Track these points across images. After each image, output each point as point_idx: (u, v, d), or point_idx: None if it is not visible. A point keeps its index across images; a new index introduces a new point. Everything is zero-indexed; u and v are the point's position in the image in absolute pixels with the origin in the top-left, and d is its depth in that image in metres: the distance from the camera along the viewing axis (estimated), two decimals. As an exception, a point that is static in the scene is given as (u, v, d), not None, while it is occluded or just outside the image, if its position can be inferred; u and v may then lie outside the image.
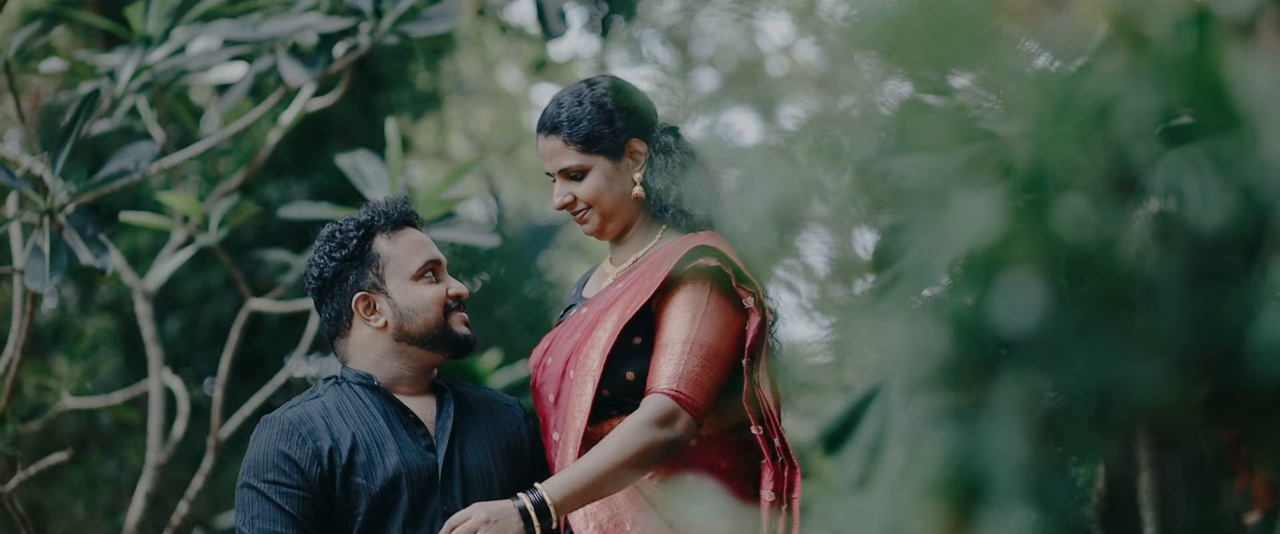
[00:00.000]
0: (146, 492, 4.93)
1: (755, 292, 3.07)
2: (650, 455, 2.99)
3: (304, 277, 3.25)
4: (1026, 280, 1.16)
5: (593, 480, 2.98)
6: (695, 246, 3.10)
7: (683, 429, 3.01)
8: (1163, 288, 1.17)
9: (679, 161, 3.21)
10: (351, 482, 3.04)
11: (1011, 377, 1.18)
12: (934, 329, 1.18)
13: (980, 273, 1.18)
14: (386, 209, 3.19)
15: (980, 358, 1.20)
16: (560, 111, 3.20)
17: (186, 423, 5.16)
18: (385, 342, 3.16)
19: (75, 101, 4.11)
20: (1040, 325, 1.16)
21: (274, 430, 3.06)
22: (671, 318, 3.08)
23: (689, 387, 3.01)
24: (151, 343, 5.00)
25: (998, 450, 1.16)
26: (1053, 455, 1.20)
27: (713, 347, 3.04)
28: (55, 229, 3.75)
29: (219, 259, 7.56)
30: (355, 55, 4.58)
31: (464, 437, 3.18)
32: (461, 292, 3.20)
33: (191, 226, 4.95)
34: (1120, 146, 1.18)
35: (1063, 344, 1.18)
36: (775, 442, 3.06)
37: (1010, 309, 1.16)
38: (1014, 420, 1.16)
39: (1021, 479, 1.15)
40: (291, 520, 3.01)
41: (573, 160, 3.19)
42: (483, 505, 3.00)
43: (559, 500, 2.97)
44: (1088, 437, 1.21)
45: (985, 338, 1.19)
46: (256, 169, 5.27)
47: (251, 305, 5.14)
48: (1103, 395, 1.19)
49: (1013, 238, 1.16)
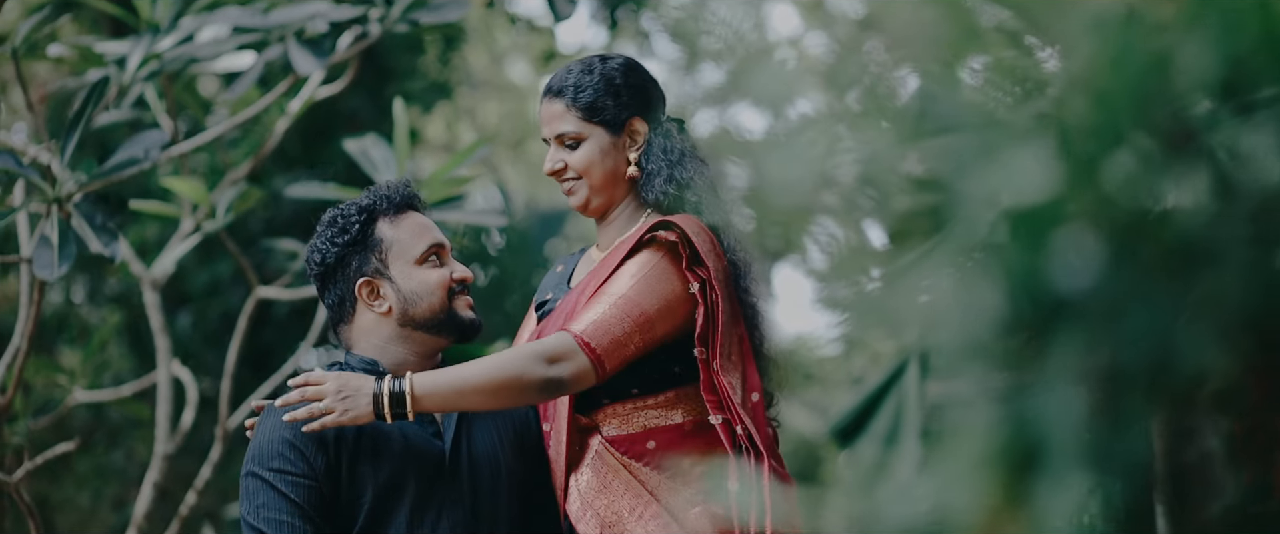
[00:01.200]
0: (155, 482, 4.91)
1: (706, 280, 3.02)
2: (522, 386, 2.92)
3: (306, 262, 3.20)
4: (1081, 238, 1.12)
5: (458, 387, 2.92)
6: (661, 221, 3.07)
7: (571, 373, 2.93)
8: (1222, 250, 1.14)
9: (678, 149, 3.18)
10: (358, 470, 3.00)
11: (1067, 338, 1.14)
12: (985, 289, 1.15)
13: (1032, 230, 1.15)
14: (389, 192, 3.15)
15: (1034, 319, 1.17)
16: (568, 77, 3.19)
17: (195, 413, 5.14)
18: (389, 327, 3.12)
19: (83, 89, 4.09)
20: (1096, 285, 1.13)
21: (279, 418, 3.01)
22: (616, 276, 3.05)
23: (598, 335, 2.95)
24: (160, 333, 4.98)
25: (1054, 416, 1.12)
26: (1113, 420, 1.16)
27: (643, 309, 2.99)
28: (63, 218, 3.72)
29: (226, 249, 7.57)
30: (365, 43, 4.55)
31: (472, 424, 3.15)
32: (466, 275, 3.16)
33: (200, 215, 4.93)
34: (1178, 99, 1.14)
35: (1119, 305, 1.14)
36: (738, 430, 3.01)
37: (1065, 267, 1.13)
38: (1071, 384, 1.13)
39: (1080, 445, 1.11)
40: (297, 509, 2.96)
41: (571, 126, 3.16)
42: (338, 375, 2.96)
43: (420, 394, 2.91)
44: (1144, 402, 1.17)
45: (1040, 297, 1.15)
46: (265, 157, 5.25)
47: (259, 293, 5.12)
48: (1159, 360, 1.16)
49: (1065, 194, 1.12)
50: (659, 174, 3.16)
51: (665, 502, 3.05)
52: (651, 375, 3.10)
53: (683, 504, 3.04)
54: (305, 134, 7.94)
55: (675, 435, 3.09)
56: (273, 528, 2.95)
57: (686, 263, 3.04)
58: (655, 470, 3.07)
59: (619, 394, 3.11)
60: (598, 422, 3.13)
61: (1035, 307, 1.16)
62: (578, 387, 2.97)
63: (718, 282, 3.02)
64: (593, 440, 3.14)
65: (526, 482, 3.17)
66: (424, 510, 3.03)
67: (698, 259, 3.03)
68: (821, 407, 11.53)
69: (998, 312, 1.13)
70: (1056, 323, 1.15)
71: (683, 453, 3.07)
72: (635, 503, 3.05)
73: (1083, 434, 1.13)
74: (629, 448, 3.09)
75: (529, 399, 2.98)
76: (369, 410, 2.91)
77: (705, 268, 3.03)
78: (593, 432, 3.14)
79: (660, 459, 3.08)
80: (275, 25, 4.36)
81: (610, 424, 3.12)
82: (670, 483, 3.06)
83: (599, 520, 3.06)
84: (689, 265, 3.04)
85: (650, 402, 3.11)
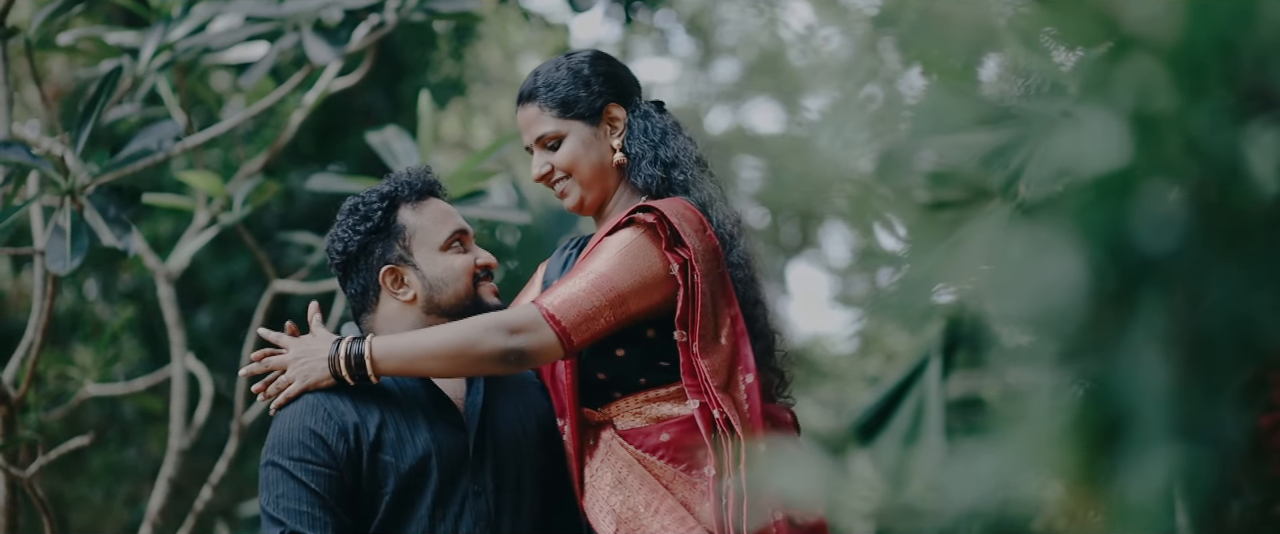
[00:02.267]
0: (169, 477, 4.87)
1: (688, 259, 2.96)
2: (479, 354, 2.88)
3: (327, 252, 3.15)
4: (1164, 198, 1.07)
5: (416, 351, 2.90)
6: (644, 204, 3.02)
7: (533, 344, 2.88)
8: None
9: (660, 128, 3.13)
10: (379, 459, 2.95)
11: (1151, 302, 1.09)
12: (1059, 254, 1.09)
13: (1110, 193, 1.09)
14: (410, 179, 3.11)
15: (1114, 285, 1.11)
16: (536, 79, 3.15)
17: (210, 408, 5.10)
18: (414, 315, 3.07)
19: (96, 80, 4.05)
20: (1177, 248, 1.08)
21: (300, 406, 2.96)
22: (594, 254, 3.01)
23: (564, 308, 2.90)
24: (174, 327, 4.94)
25: (1139, 384, 1.07)
26: (1203, 387, 1.10)
27: (614, 284, 2.94)
28: (76, 209, 3.68)
29: (241, 247, 7.55)
30: (381, 33, 4.51)
31: (495, 414, 3.10)
32: (490, 261, 3.11)
33: (215, 207, 4.89)
34: (1265, 53, 1.09)
35: (1203, 271, 1.09)
36: (716, 415, 2.95)
37: (1148, 229, 1.07)
38: (1156, 350, 1.07)
39: (1168, 414, 1.06)
40: (318, 499, 2.91)
41: (549, 127, 3.12)
42: (298, 341, 2.96)
43: (379, 356, 2.90)
44: (1231, 371, 1.12)
45: (1121, 261, 1.10)
46: (279, 149, 5.21)
47: (276, 287, 5.08)
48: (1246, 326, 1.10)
49: (1144, 154, 1.07)
50: (644, 156, 3.11)
51: (681, 495, 3.00)
52: (659, 366, 3.05)
53: (698, 497, 2.99)
54: (319, 130, 7.92)
55: (687, 426, 3.02)
56: (293, 518, 2.90)
57: (666, 244, 2.98)
58: (670, 463, 3.02)
59: (628, 387, 3.06)
60: (609, 416, 3.08)
61: (1115, 271, 1.10)
62: (541, 360, 2.92)
63: (698, 261, 2.96)
64: (605, 434, 3.09)
65: (549, 475, 3.12)
66: (447, 503, 2.98)
67: (678, 239, 2.98)
68: (837, 404, 11.49)
69: (1073, 277, 1.08)
70: (1138, 288, 1.10)
71: (696, 444, 3.02)
72: (651, 497, 3.00)
73: (1169, 405, 1.08)
74: (642, 441, 3.04)
75: (487, 368, 2.92)
76: (326, 374, 2.92)
77: (686, 248, 2.97)
78: (605, 426, 3.09)
79: (674, 451, 3.02)
80: (289, 14, 4.32)
81: (622, 418, 3.07)
82: (685, 475, 3.01)
83: (615, 517, 3.01)
84: (669, 246, 2.98)
85: (660, 393, 3.05)
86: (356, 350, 2.91)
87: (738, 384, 3.00)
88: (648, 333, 3.02)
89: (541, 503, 3.10)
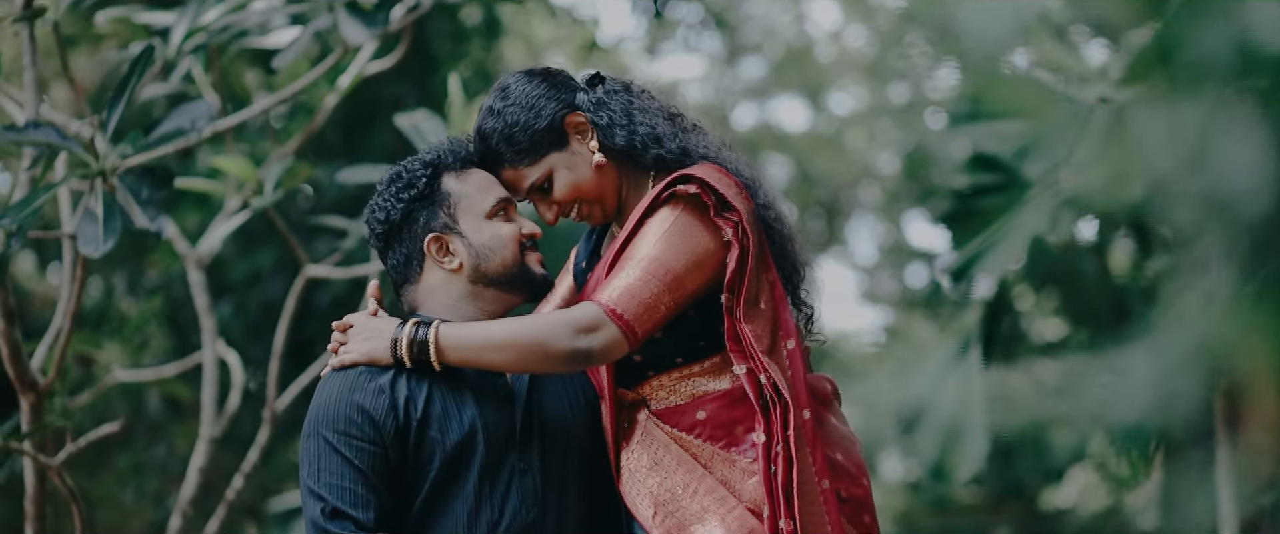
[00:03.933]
0: (200, 467, 4.81)
1: (739, 221, 2.91)
2: (548, 353, 2.84)
3: (367, 223, 3.08)
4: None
5: (483, 344, 2.86)
6: (678, 175, 2.97)
7: (602, 344, 2.84)
8: None
9: (619, 108, 3.06)
10: (426, 435, 2.87)
11: None
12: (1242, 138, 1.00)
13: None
14: (453, 147, 3.05)
15: None
16: (488, 141, 3.07)
17: (240, 396, 5.04)
18: (460, 284, 3.00)
19: (126, 61, 3.98)
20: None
21: (348, 379, 2.89)
22: (638, 240, 2.95)
23: (625, 301, 2.86)
24: (205, 313, 4.87)
25: None
26: None
27: (670, 268, 2.89)
28: (108, 191, 3.60)
29: (267, 237, 7.49)
30: (417, 14, 4.44)
31: (543, 391, 3.02)
32: (535, 231, 3.05)
33: (246, 192, 4.83)
34: None
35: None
36: (763, 380, 2.89)
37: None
38: None
39: None
40: (361, 476, 2.83)
41: (534, 174, 3.06)
42: (363, 316, 2.95)
43: (445, 345, 2.87)
44: None
45: None
46: (313, 132, 5.15)
47: (309, 272, 5.02)
48: None
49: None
50: (620, 138, 3.04)
51: (720, 473, 2.94)
52: (694, 342, 2.99)
53: (739, 475, 2.93)
54: (347, 123, 7.88)
55: (724, 402, 2.97)
56: (335, 494, 2.82)
57: (714, 210, 2.92)
58: (707, 441, 2.96)
59: (662, 365, 3.00)
60: (644, 395, 3.01)
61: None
62: (609, 357, 2.87)
63: (749, 224, 2.92)
64: (640, 415, 3.02)
65: (594, 456, 3.04)
66: (494, 481, 2.90)
67: (726, 204, 2.92)
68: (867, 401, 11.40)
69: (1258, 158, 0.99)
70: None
71: (734, 420, 2.95)
72: (689, 478, 2.93)
73: None
74: (678, 420, 2.98)
75: (553, 367, 2.89)
76: (386, 352, 2.88)
77: (735, 211, 2.92)
78: (640, 406, 3.03)
79: (711, 428, 2.96)
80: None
81: (657, 396, 3.01)
82: (724, 453, 2.94)
83: (653, 499, 2.94)
84: (717, 212, 2.92)
85: (696, 369, 2.99)
86: (422, 336, 2.87)
87: (780, 350, 2.94)
88: (689, 312, 2.95)
89: (587, 483, 3.02)
